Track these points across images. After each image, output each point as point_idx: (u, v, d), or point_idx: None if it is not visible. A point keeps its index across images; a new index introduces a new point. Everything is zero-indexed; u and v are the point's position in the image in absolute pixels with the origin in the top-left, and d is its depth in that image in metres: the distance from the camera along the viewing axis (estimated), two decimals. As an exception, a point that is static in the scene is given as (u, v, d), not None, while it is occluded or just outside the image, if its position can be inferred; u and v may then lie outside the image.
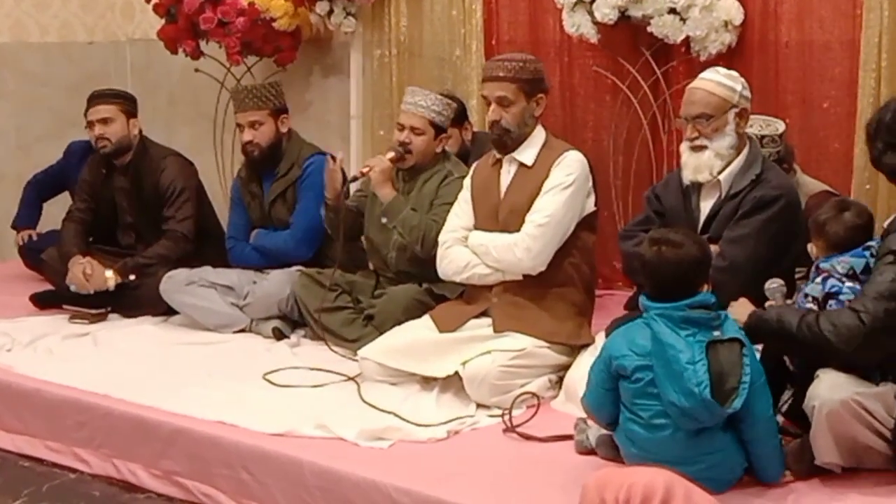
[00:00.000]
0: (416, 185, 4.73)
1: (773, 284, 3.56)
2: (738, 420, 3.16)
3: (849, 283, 3.35)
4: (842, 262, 3.38)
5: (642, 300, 3.29)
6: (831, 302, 3.35)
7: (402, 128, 4.72)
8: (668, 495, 2.26)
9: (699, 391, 3.05)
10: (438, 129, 4.71)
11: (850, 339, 3.13)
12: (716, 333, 3.17)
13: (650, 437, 3.20)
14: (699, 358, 3.10)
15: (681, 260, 3.22)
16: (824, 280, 3.39)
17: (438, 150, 4.74)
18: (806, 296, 3.43)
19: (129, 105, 5.51)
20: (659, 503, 2.24)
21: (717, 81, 3.96)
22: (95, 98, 5.51)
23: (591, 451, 3.52)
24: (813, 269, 3.50)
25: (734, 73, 4.06)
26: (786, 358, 3.48)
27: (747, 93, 4.00)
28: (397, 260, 4.71)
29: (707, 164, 3.95)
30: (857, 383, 3.19)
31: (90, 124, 5.46)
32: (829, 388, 3.16)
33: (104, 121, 5.40)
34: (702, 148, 3.95)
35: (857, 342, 3.13)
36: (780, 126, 4.50)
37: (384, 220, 4.66)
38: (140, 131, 5.51)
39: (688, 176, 4.00)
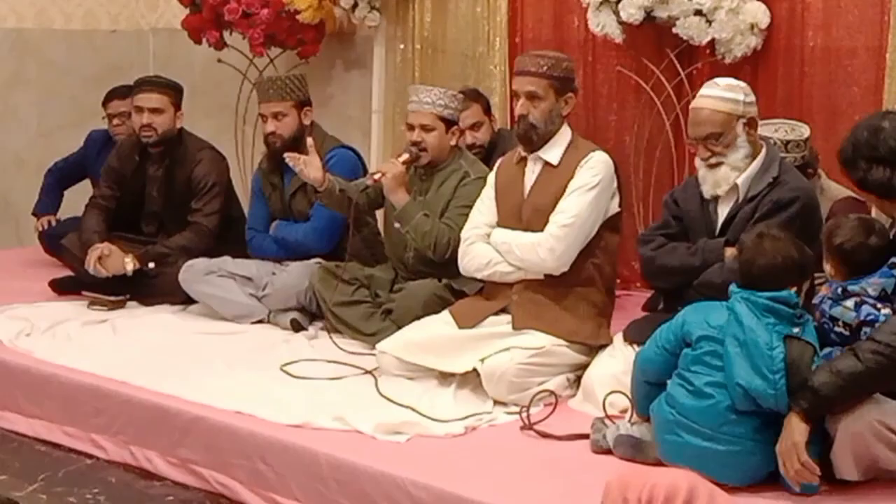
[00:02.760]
0: (434, 184, 4.72)
1: None
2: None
3: (884, 310, 3.27)
4: (873, 285, 3.32)
5: (731, 287, 3.34)
6: (865, 329, 3.28)
7: (411, 128, 4.72)
8: (690, 496, 2.25)
9: (775, 378, 3.11)
10: (449, 123, 4.71)
11: None
12: (795, 330, 3.22)
13: (693, 404, 3.24)
14: (777, 345, 3.15)
15: (776, 254, 3.29)
16: (857, 306, 3.31)
17: (452, 143, 4.74)
18: (834, 319, 3.35)
19: (177, 96, 5.50)
20: (683, 501, 2.23)
21: (719, 97, 3.92)
22: (146, 84, 5.48)
23: (606, 451, 3.52)
24: (837, 290, 3.41)
25: (733, 83, 4.01)
26: None
27: (751, 98, 3.97)
28: (414, 260, 4.72)
29: (724, 179, 3.94)
30: (879, 400, 3.14)
31: (138, 110, 5.41)
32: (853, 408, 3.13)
33: (154, 110, 5.39)
34: (718, 165, 3.94)
35: None
36: (805, 131, 4.48)
37: (397, 226, 4.66)
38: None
39: (707, 191, 3.98)
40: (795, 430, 3.10)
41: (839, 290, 3.38)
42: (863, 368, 3.07)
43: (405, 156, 4.69)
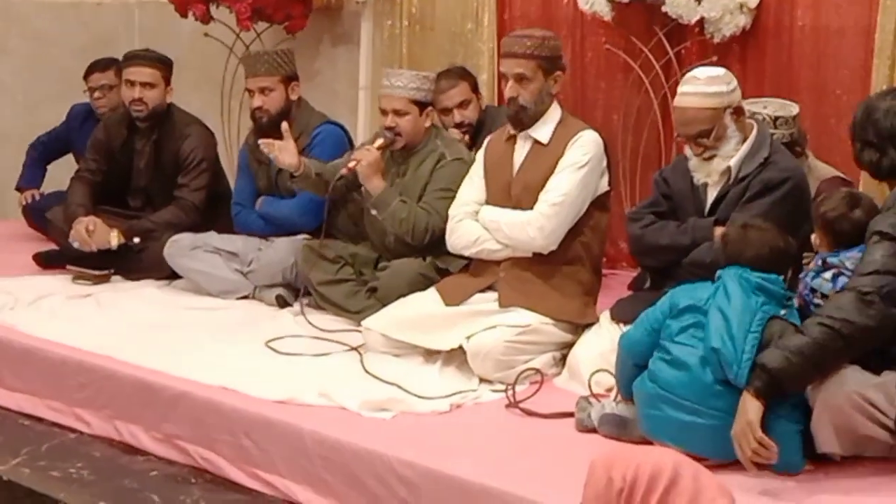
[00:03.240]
0: (410, 166, 4.71)
1: None
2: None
3: None
4: (851, 259, 3.34)
5: (719, 271, 3.36)
6: None
7: (384, 113, 4.69)
8: (675, 475, 2.26)
9: (740, 359, 3.13)
10: (422, 105, 4.68)
11: (863, 315, 3.08)
12: (783, 312, 3.25)
13: (676, 375, 3.25)
14: (756, 329, 3.18)
15: (763, 243, 3.34)
16: (835, 277, 3.33)
17: (427, 124, 4.72)
18: (813, 291, 3.38)
19: (169, 71, 5.48)
20: (667, 482, 2.23)
21: (703, 93, 3.89)
22: (137, 59, 5.45)
23: (591, 430, 3.53)
24: (818, 261, 3.45)
25: (713, 74, 3.97)
26: None
27: (734, 85, 3.94)
28: (396, 244, 4.69)
29: (717, 169, 3.94)
30: (858, 373, 3.16)
31: (129, 84, 5.38)
32: (831, 380, 3.14)
33: (146, 85, 5.36)
34: (711, 158, 3.94)
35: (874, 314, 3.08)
36: (795, 109, 4.48)
37: (374, 213, 4.64)
38: None
39: (699, 179, 3.98)
40: (749, 408, 3.08)
41: (820, 261, 3.42)
42: (809, 341, 3.08)
43: (379, 141, 4.66)
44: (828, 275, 3.36)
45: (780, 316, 3.24)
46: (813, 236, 3.55)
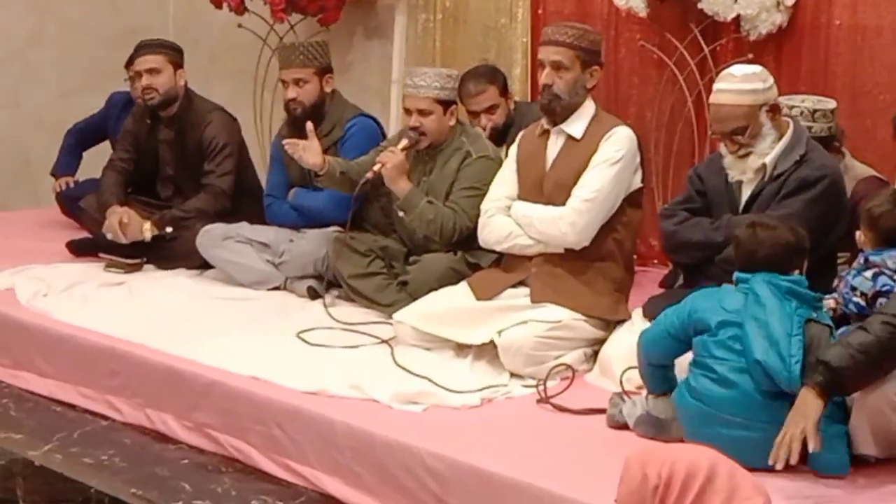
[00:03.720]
0: (436, 165, 4.71)
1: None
2: None
3: None
4: (893, 257, 3.32)
5: (738, 275, 3.32)
6: (881, 300, 3.29)
7: (408, 112, 4.70)
8: (711, 473, 2.25)
9: (790, 363, 3.08)
10: (446, 104, 4.68)
11: None
12: (815, 314, 3.21)
13: (722, 393, 3.19)
14: (797, 332, 3.13)
15: (775, 241, 3.28)
16: (875, 276, 3.32)
17: (451, 123, 4.72)
18: (853, 289, 3.36)
19: (175, 55, 5.50)
20: (703, 480, 2.23)
21: (739, 90, 3.88)
22: (142, 48, 5.49)
23: (622, 426, 3.51)
24: (861, 260, 3.44)
25: (749, 71, 3.96)
26: None
27: (770, 83, 3.94)
28: (425, 240, 4.70)
29: (752, 166, 3.93)
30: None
31: (137, 74, 5.45)
32: None
33: (151, 71, 5.39)
34: (746, 155, 3.92)
35: None
36: (832, 103, 4.47)
37: (400, 214, 4.64)
38: (185, 83, 5.50)
39: (734, 176, 3.98)
40: (810, 405, 3.05)
41: (863, 259, 3.39)
42: (873, 339, 3.05)
43: (404, 142, 4.66)
44: (868, 273, 3.34)
45: (815, 318, 3.21)
46: (858, 233, 3.53)
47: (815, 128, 4.22)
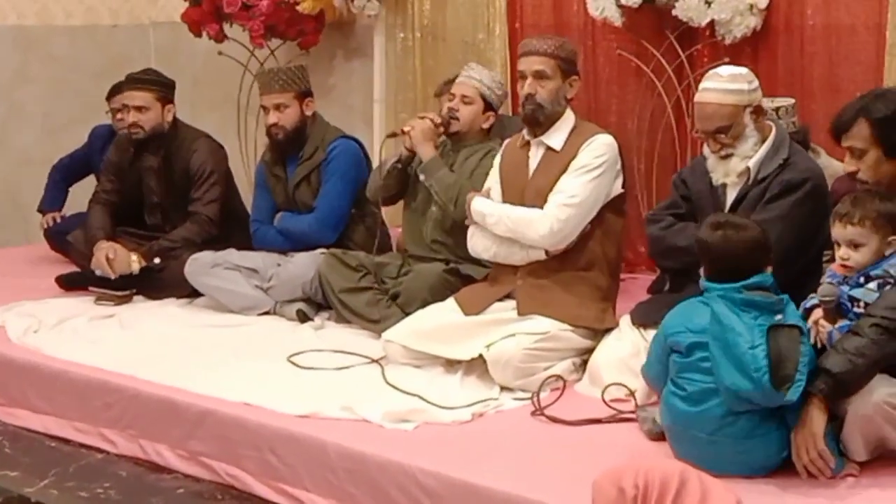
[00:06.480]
0: (459, 158, 4.75)
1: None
2: (788, 408, 3.13)
3: None
4: (894, 265, 3.28)
5: (702, 282, 3.30)
6: None
7: (452, 97, 4.77)
8: (683, 478, 2.30)
9: (758, 376, 3.05)
10: (488, 105, 4.75)
11: None
12: (777, 317, 3.17)
13: (691, 410, 3.20)
14: (759, 342, 3.10)
15: (744, 242, 3.26)
16: (880, 287, 3.26)
17: (485, 125, 4.78)
18: (854, 300, 3.29)
19: (165, 91, 5.48)
20: (678, 484, 2.27)
21: (724, 89, 3.90)
22: (130, 83, 5.46)
23: (661, 437, 3.45)
24: (857, 278, 3.33)
25: (736, 72, 3.98)
26: None
27: (755, 84, 3.95)
28: (432, 230, 4.73)
29: (735, 169, 3.94)
30: (886, 382, 3.15)
31: (124, 108, 5.43)
32: (862, 390, 3.13)
33: (139, 108, 5.38)
34: (728, 156, 3.94)
35: None
36: (791, 100, 4.53)
37: (421, 178, 4.67)
38: (174, 114, 5.51)
39: (718, 179, 3.98)
40: (815, 420, 3.10)
41: (860, 278, 3.33)
42: (867, 341, 3.09)
43: (437, 119, 4.73)
44: (872, 285, 3.28)
45: (778, 322, 3.16)
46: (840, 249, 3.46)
47: (781, 124, 4.25)
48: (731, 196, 4.00)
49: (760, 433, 3.16)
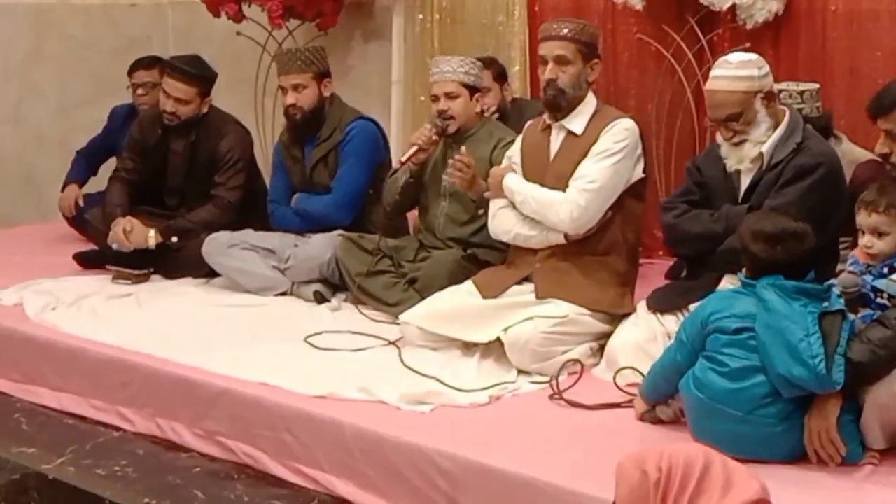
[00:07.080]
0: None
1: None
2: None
3: None
4: None
5: (744, 279, 3.29)
6: None
7: (436, 98, 4.75)
8: (707, 461, 2.28)
9: (814, 364, 3.04)
10: (472, 89, 4.74)
11: None
12: (825, 305, 3.17)
13: (729, 387, 3.18)
14: (814, 331, 3.09)
15: (806, 252, 3.23)
16: None
17: (478, 109, 4.77)
18: (877, 291, 3.30)
19: (208, 86, 5.44)
20: (702, 468, 2.26)
21: (733, 76, 3.88)
22: (177, 71, 5.38)
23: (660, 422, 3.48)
24: (881, 268, 3.37)
25: (745, 58, 3.96)
26: None
27: (766, 70, 3.93)
28: (444, 227, 4.72)
29: (748, 155, 3.92)
30: None
31: (166, 95, 5.38)
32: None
33: (179, 100, 5.36)
34: (741, 143, 3.92)
35: None
36: (816, 84, 4.51)
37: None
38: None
39: (731, 165, 3.96)
40: (829, 407, 3.11)
41: (884, 269, 3.33)
42: (892, 333, 3.09)
43: (433, 130, 4.72)
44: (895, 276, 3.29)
45: (825, 310, 3.16)
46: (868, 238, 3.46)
47: (805, 108, 4.23)
48: (745, 182, 3.99)
49: (794, 418, 3.16)
